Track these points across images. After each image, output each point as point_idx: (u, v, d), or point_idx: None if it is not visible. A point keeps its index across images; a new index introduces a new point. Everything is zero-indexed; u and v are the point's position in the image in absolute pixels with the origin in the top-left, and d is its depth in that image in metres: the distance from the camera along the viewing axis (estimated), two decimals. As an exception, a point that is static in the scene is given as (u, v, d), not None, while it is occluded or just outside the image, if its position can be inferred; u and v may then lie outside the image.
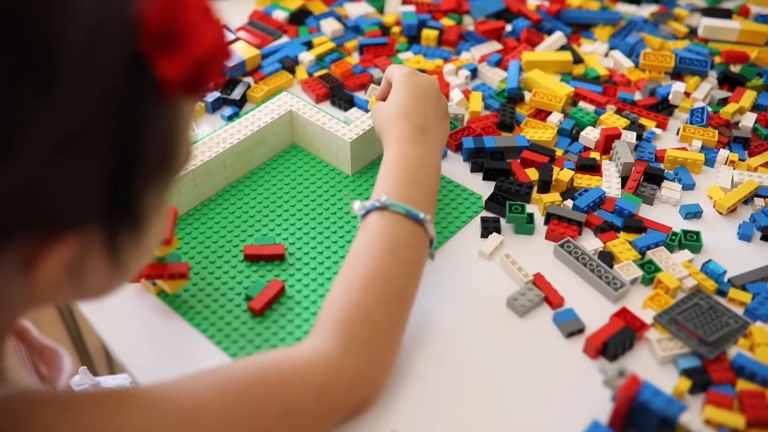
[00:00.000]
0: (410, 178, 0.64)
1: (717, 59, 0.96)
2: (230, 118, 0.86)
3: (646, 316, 0.66)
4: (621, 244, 0.71)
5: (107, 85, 0.35)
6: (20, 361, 0.56)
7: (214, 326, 0.65)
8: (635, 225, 0.73)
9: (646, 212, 0.76)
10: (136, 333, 0.65)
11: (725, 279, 0.69)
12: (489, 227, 0.73)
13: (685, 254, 0.71)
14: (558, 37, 0.95)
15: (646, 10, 1.07)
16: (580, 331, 0.65)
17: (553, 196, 0.76)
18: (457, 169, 0.81)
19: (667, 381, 0.61)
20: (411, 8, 1.01)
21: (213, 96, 0.87)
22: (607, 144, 0.81)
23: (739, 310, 0.67)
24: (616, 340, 0.63)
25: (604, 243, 0.72)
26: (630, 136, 0.82)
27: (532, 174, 0.78)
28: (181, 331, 0.65)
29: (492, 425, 0.58)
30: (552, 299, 0.67)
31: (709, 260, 0.70)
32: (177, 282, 0.66)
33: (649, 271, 0.69)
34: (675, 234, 0.72)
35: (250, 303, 0.66)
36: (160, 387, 0.48)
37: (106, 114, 0.35)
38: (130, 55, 0.35)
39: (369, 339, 0.55)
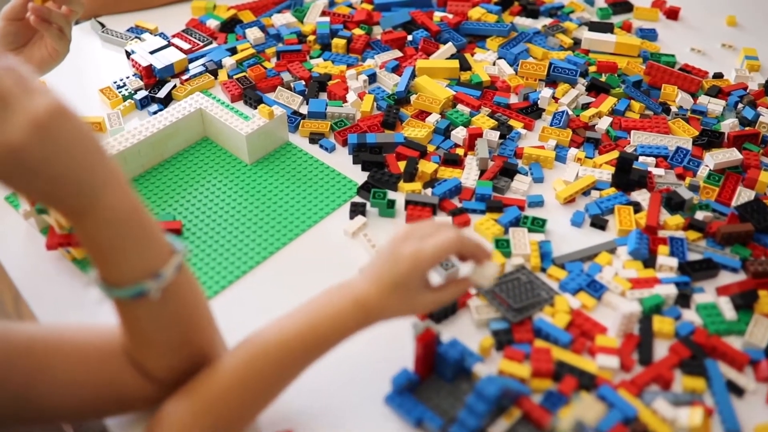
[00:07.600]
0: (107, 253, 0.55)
1: (592, 68, 1.08)
2: (155, 114, 1.00)
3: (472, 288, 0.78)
4: (486, 222, 0.84)
5: None
6: None
7: (114, 286, 0.78)
8: (495, 205, 0.86)
9: (497, 201, 0.89)
10: (51, 291, 0.79)
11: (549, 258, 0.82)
12: (356, 210, 0.86)
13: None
14: (448, 47, 1.08)
15: (542, 23, 1.19)
16: (415, 297, 0.77)
17: (415, 185, 0.88)
18: (342, 160, 0.94)
19: (479, 340, 0.73)
20: (326, 19, 1.14)
21: (141, 94, 1.00)
22: (471, 142, 0.93)
23: (555, 285, 0.79)
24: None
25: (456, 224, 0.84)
26: (493, 135, 0.94)
27: (403, 166, 0.91)
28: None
29: (329, 371, 0.70)
30: (396, 271, 0.79)
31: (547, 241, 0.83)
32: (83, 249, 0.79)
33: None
34: (526, 217, 0.85)
35: (145, 268, 0.79)
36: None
37: None
38: None
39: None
